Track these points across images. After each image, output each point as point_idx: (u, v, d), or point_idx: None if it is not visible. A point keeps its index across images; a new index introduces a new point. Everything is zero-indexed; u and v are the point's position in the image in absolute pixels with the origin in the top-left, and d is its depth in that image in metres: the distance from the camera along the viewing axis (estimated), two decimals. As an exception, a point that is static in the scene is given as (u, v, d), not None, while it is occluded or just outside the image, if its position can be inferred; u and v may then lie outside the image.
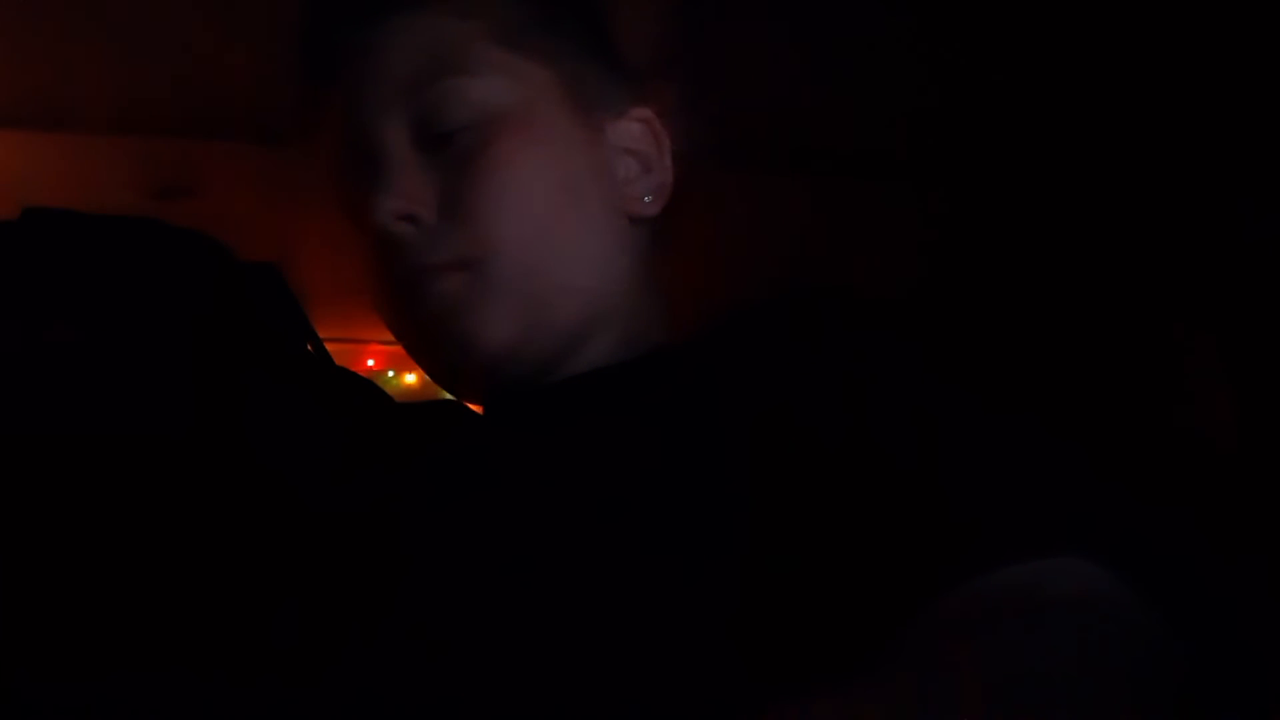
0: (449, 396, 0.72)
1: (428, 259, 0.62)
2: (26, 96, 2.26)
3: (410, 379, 2.59)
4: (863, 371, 0.53)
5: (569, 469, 0.56)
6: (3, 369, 0.64)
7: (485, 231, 0.63)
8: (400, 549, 0.54)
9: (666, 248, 0.73)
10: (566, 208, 0.66)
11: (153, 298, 0.67)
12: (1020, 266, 2.45)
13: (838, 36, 2.12)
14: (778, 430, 0.54)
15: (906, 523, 0.47)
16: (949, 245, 2.45)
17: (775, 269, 2.50)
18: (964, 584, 0.44)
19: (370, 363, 2.65)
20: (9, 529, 0.59)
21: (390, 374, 2.63)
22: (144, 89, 2.21)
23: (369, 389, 0.70)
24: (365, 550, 0.54)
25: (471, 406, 0.69)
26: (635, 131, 0.71)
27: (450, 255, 0.62)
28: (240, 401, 0.63)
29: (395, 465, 0.61)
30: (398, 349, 0.70)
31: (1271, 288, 1.94)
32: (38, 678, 0.53)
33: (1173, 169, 2.27)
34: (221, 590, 0.54)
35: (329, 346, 0.68)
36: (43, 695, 0.52)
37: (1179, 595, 0.44)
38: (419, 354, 0.68)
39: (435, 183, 0.64)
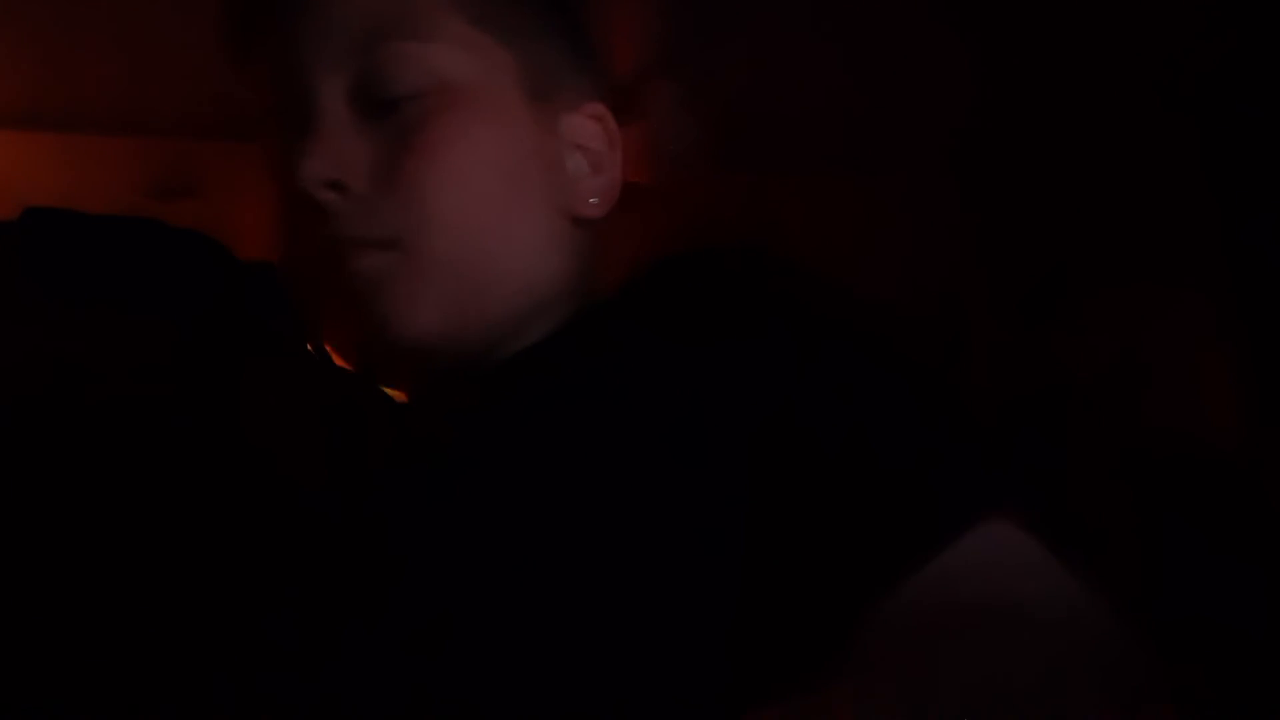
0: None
1: (352, 231, 0.57)
2: (26, 96, 2.26)
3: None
4: (818, 366, 0.54)
5: (561, 461, 0.55)
6: (3, 369, 0.64)
7: (419, 209, 0.58)
8: (393, 547, 0.54)
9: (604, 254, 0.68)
10: (508, 195, 0.61)
11: (152, 298, 0.67)
12: (1019, 263, 2.45)
13: (838, 36, 2.12)
14: (777, 427, 0.53)
15: (847, 523, 0.49)
16: (949, 245, 2.45)
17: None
18: (900, 585, 0.45)
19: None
20: (10, 529, 0.59)
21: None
22: (144, 89, 2.21)
23: (368, 389, 0.69)
24: (360, 548, 0.54)
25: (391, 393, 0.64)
26: (589, 128, 0.66)
27: (377, 231, 0.57)
28: (238, 401, 0.63)
29: (391, 463, 0.61)
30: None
31: (1272, 288, 1.94)
32: (36, 678, 0.53)
33: (1172, 169, 2.26)
34: (218, 588, 0.54)
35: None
36: (42, 694, 0.52)
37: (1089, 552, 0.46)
38: (330, 331, 0.62)
39: (370, 150, 0.59)
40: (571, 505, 0.54)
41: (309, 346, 0.64)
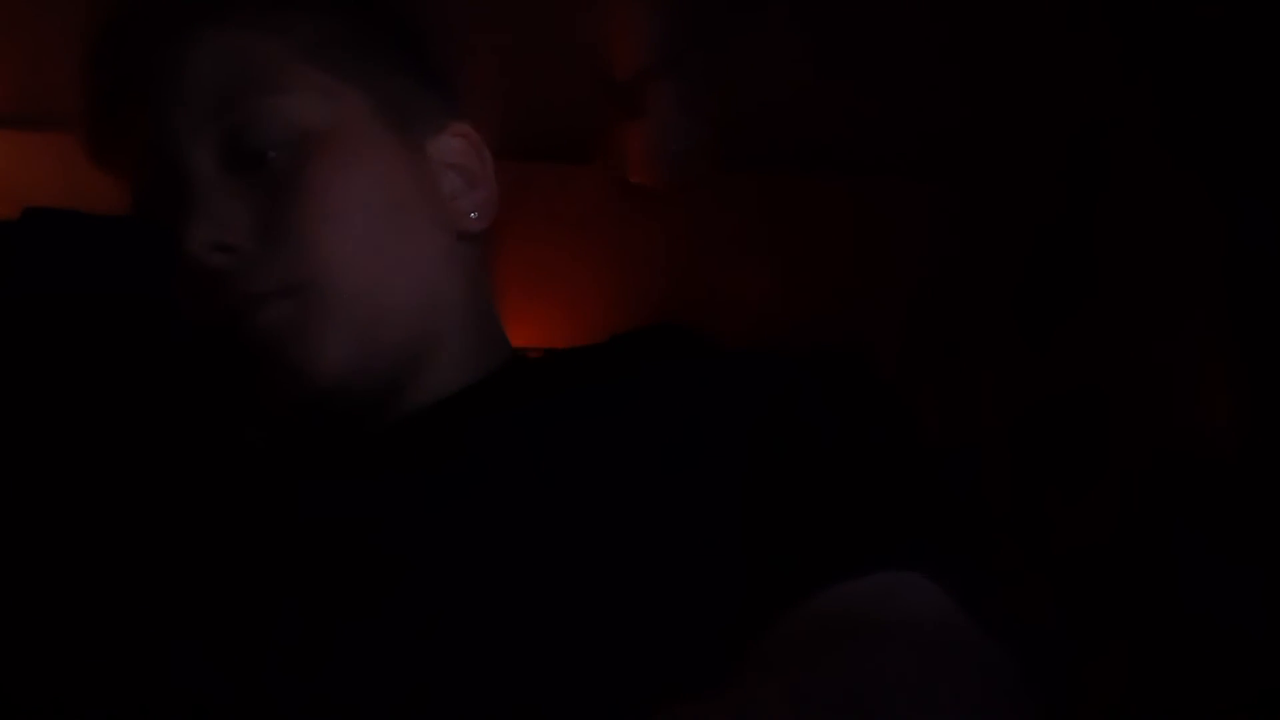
0: None
1: (249, 288, 0.59)
2: (26, 96, 2.26)
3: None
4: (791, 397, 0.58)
5: (561, 461, 0.56)
6: (4, 370, 0.64)
7: (309, 256, 0.59)
8: (391, 548, 0.54)
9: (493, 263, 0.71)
10: (391, 227, 0.63)
11: (152, 298, 0.67)
12: (1020, 266, 2.45)
13: (838, 36, 2.12)
14: (771, 436, 0.56)
15: (793, 529, 0.52)
16: (950, 245, 2.45)
17: (778, 269, 2.50)
18: (805, 599, 0.48)
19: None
20: (10, 529, 0.59)
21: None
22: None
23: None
24: (357, 550, 0.54)
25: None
26: (457, 146, 0.68)
27: (274, 282, 0.59)
28: (237, 402, 0.62)
29: (391, 468, 0.61)
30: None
31: (1273, 289, 1.94)
32: (36, 675, 0.53)
33: (1170, 167, 2.26)
34: (216, 588, 0.54)
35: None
36: (43, 693, 0.52)
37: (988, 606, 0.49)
38: (248, 390, 0.61)
39: (249, 208, 0.60)
40: (571, 506, 0.54)
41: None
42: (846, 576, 0.48)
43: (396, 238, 0.63)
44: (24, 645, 0.54)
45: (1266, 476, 1.75)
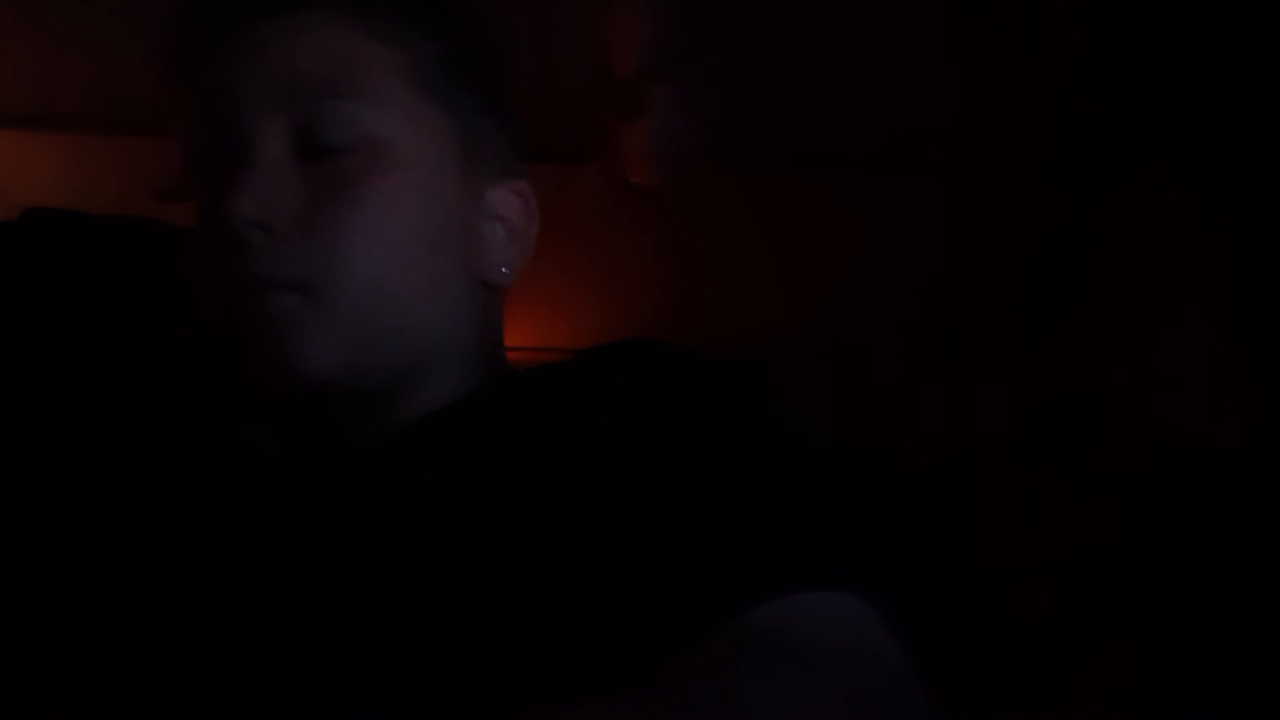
0: None
1: (265, 271, 0.59)
2: (26, 96, 2.26)
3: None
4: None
5: (563, 464, 0.56)
6: (5, 371, 0.64)
7: (330, 259, 0.60)
8: (389, 551, 0.54)
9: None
10: (420, 257, 0.63)
11: (152, 298, 0.67)
12: (1020, 267, 2.45)
13: (838, 36, 2.12)
14: (770, 440, 0.58)
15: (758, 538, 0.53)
16: (949, 246, 2.45)
17: (776, 269, 2.50)
18: (738, 614, 0.49)
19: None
20: (16, 532, 0.59)
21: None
22: (144, 89, 2.21)
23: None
24: (355, 553, 0.54)
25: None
26: (511, 203, 0.69)
27: (290, 274, 0.59)
28: (238, 403, 0.62)
29: (390, 470, 0.61)
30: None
31: (1273, 289, 1.94)
32: (39, 675, 0.53)
33: (1168, 167, 2.26)
34: (216, 590, 0.54)
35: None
36: (45, 692, 0.52)
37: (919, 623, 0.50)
38: (240, 359, 0.63)
39: (298, 196, 0.60)
40: (570, 506, 0.54)
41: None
42: (778, 594, 0.50)
43: (422, 268, 0.63)
44: (21, 644, 0.54)
45: (1266, 476, 1.75)
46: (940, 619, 0.51)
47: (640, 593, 0.51)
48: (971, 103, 2.29)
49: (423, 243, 0.63)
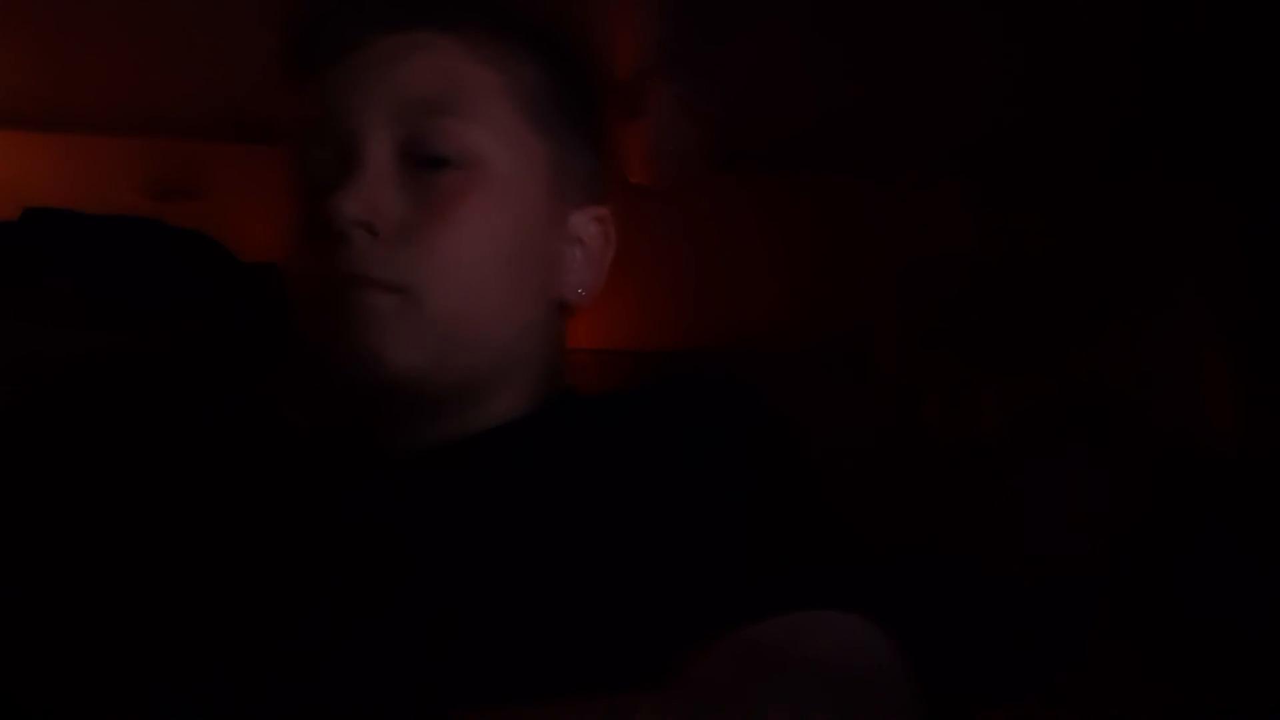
0: None
1: (366, 270, 0.63)
2: (26, 96, 2.26)
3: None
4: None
5: (575, 467, 0.58)
6: (7, 371, 0.64)
7: (432, 269, 0.63)
8: (403, 548, 0.54)
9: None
10: (509, 273, 0.67)
11: (152, 298, 0.67)
12: (1018, 263, 2.45)
13: (837, 36, 2.12)
14: (771, 451, 0.60)
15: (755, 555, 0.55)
16: (949, 245, 2.45)
17: (777, 269, 2.50)
18: (735, 628, 0.50)
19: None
20: (17, 524, 0.59)
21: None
22: (144, 89, 2.21)
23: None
24: (369, 549, 0.54)
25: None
26: (592, 228, 0.73)
27: (390, 275, 0.63)
28: (238, 403, 0.63)
29: (396, 470, 0.61)
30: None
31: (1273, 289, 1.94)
32: (49, 676, 0.53)
33: (1169, 165, 2.27)
34: (226, 586, 0.54)
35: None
36: (53, 694, 0.52)
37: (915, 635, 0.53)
38: (321, 346, 0.66)
39: (402, 203, 0.64)
40: (582, 509, 0.56)
41: (288, 353, 0.66)
42: (774, 612, 0.51)
43: (509, 284, 0.67)
44: (30, 636, 0.55)
45: (1267, 477, 1.76)
46: (942, 636, 0.53)
47: (646, 593, 0.52)
48: (972, 102, 2.30)
49: (511, 260, 0.67)
